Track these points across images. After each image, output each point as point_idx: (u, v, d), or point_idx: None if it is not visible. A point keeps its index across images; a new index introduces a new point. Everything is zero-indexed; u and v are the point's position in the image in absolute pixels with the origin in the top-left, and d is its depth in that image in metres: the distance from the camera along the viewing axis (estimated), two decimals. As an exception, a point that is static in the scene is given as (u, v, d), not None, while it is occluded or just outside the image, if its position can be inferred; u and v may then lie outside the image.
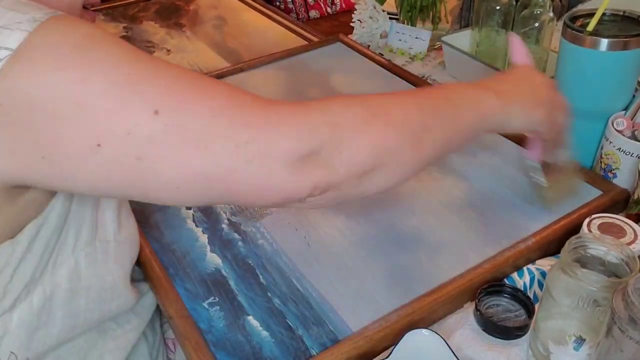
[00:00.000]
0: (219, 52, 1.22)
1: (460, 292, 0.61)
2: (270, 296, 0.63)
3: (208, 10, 1.43)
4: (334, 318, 0.60)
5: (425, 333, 0.53)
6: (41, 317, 0.50)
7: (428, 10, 1.20)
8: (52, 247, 0.49)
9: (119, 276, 0.57)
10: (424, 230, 0.70)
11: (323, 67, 1.09)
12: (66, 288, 0.51)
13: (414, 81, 1.01)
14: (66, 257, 0.50)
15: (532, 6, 0.95)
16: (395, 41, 1.19)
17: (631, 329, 0.42)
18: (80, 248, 0.51)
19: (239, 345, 0.58)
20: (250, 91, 0.43)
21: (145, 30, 1.35)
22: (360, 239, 0.69)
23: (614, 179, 0.74)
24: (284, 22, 1.32)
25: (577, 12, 0.75)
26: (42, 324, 0.50)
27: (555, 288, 0.51)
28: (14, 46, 0.37)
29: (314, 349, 0.57)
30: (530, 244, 0.65)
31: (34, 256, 0.47)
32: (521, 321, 0.58)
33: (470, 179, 0.78)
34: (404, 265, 0.65)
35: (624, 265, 0.50)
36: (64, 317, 0.52)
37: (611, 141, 0.72)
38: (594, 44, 0.69)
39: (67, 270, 0.50)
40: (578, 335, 0.52)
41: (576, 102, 0.75)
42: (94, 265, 0.53)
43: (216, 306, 0.62)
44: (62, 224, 0.49)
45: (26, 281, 0.47)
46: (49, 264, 0.49)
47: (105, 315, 0.57)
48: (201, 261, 0.68)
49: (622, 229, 0.62)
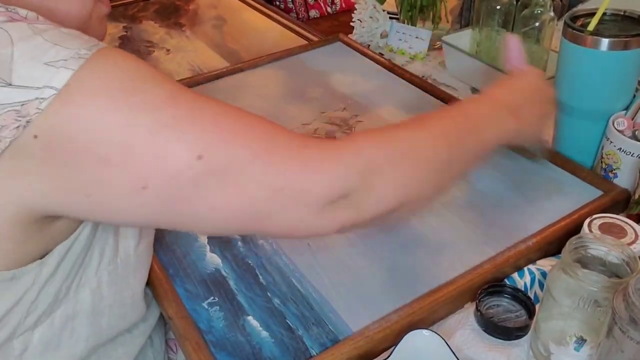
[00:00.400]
0: (218, 51, 1.22)
1: (461, 292, 0.61)
2: (270, 296, 0.63)
3: (208, 10, 1.43)
4: (334, 318, 0.60)
5: (426, 333, 0.53)
6: (63, 335, 0.50)
7: (428, 9, 1.20)
8: (78, 268, 0.49)
9: (136, 289, 0.57)
10: (424, 230, 0.70)
11: (323, 67, 1.08)
12: (89, 308, 0.51)
13: (414, 81, 1.00)
14: (90, 277, 0.50)
15: (533, 6, 0.95)
16: (396, 41, 1.19)
17: (632, 329, 0.42)
18: (103, 267, 0.51)
19: (239, 345, 0.58)
20: (286, 128, 0.44)
21: (145, 30, 1.34)
22: (360, 239, 0.69)
23: (614, 179, 0.74)
24: (284, 21, 1.31)
25: (577, 11, 0.74)
26: (64, 343, 0.50)
27: (556, 288, 0.51)
28: (60, 86, 0.36)
29: (314, 349, 0.57)
30: (530, 244, 0.65)
31: (59, 277, 0.47)
32: (522, 322, 0.58)
33: (470, 179, 0.77)
34: (404, 265, 0.65)
35: (625, 265, 0.50)
36: (88, 337, 0.52)
37: (612, 141, 0.72)
38: (595, 44, 0.69)
39: (90, 290, 0.50)
40: (579, 335, 0.52)
41: (577, 102, 0.76)
42: (115, 282, 0.53)
43: (216, 306, 0.62)
44: (88, 245, 0.49)
45: (50, 301, 0.47)
46: (73, 284, 0.49)
47: (121, 329, 0.57)
48: (201, 261, 0.68)
49: (623, 229, 0.62)
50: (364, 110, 0.94)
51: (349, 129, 0.90)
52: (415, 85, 1.00)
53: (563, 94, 0.77)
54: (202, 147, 0.39)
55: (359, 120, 0.92)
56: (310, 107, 0.96)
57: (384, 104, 0.96)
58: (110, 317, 0.53)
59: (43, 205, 0.40)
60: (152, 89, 0.39)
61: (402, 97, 0.97)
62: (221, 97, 1.01)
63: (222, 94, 1.01)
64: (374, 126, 0.66)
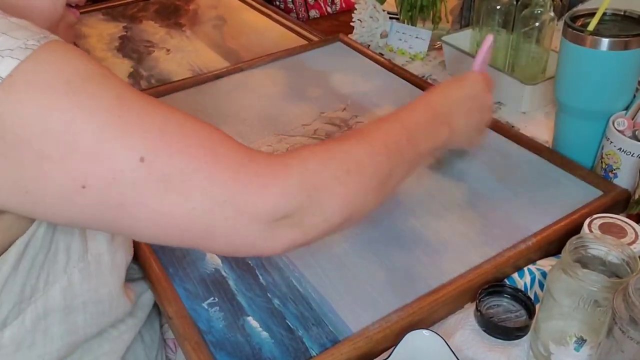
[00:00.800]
0: (218, 51, 1.22)
1: (461, 292, 0.61)
2: (270, 297, 0.63)
3: (208, 10, 1.43)
4: (334, 318, 0.59)
5: (426, 334, 0.53)
6: (36, 334, 0.49)
7: (428, 9, 1.20)
8: (41, 265, 0.48)
9: (114, 286, 0.56)
10: (424, 230, 0.70)
11: (323, 66, 1.08)
12: (61, 306, 0.50)
13: (414, 81, 1.00)
14: (59, 275, 0.50)
15: (533, 6, 0.95)
16: (396, 41, 1.19)
17: (632, 329, 0.42)
18: (72, 265, 0.50)
19: (238, 345, 0.58)
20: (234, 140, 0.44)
21: (145, 30, 1.34)
22: (360, 239, 0.69)
23: (614, 179, 0.74)
24: (284, 21, 1.31)
25: (577, 11, 0.74)
26: (38, 342, 0.50)
27: (556, 288, 0.51)
28: (4, 75, 0.36)
29: (314, 350, 0.57)
30: (530, 244, 0.65)
31: (21, 275, 0.46)
32: (522, 322, 0.58)
33: (470, 180, 0.77)
34: (404, 265, 0.65)
35: (625, 265, 0.50)
36: (62, 335, 0.51)
37: (612, 141, 0.72)
38: (595, 44, 0.69)
39: (60, 288, 0.50)
40: (579, 335, 0.52)
41: (577, 102, 0.76)
42: (87, 280, 0.52)
43: (216, 306, 0.62)
44: (49, 240, 0.48)
45: (15, 300, 0.47)
46: (40, 282, 0.48)
47: (103, 326, 0.57)
48: (201, 261, 0.68)
49: (623, 229, 0.61)
50: (364, 110, 0.94)
51: (349, 129, 0.90)
52: (415, 85, 1.00)
53: (563, 94, 0.77)
54: (146, 150, 0.39)
55: (359, 121, 0.92)
56: (310, 107, 0.96)
57: (384, 104, 0.96)
58: (86, 314, 0.53)
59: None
60: (99, 88, 0.39)
61: (402, 97, 0.97)
62: (221, 97, 1.01)
63: (222, 94, 1.01)
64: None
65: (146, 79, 1.13)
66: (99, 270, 0.53)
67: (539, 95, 0.94)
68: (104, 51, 1.25)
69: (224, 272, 0.66)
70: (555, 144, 0.83)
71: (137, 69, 1.17)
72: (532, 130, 0.90)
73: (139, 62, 1.20)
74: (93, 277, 0.53)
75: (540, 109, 0.96)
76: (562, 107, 0.79)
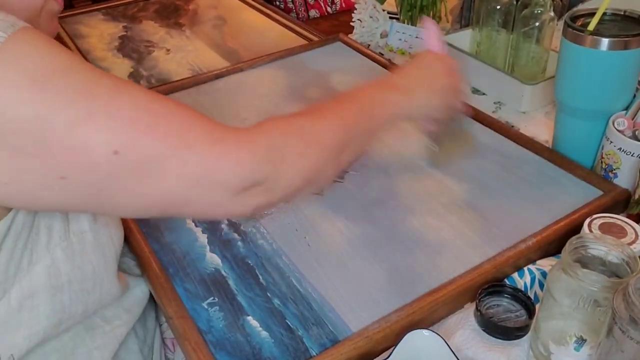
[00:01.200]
0: (218, 51, 1.22)
1: (461, 292, 0.61)
2: (270, 296, 0.63)
3: (208, 9, 1.43)
4: (334, 318, 0.59)
5: (426, 333, 0.53)
6: (23, 315, 0.49)
7: (428, 9, 1.20)
8: (24, 244, 0.48)
9: (99, 265, 0.56)
10: (424, 230, 0.70)
11: (323, 66, 1.08)
12: (46, 285, 0.50)
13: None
14: (41, 254, 0.50)
15: (533, 5, 0.95)
16: (396, 41, 1.19)
17: (632, 329, 0.42)
18: (55, 243, 0.51)
19: (238, 345, 0.58)
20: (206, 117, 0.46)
21: (145, 30, 1.34)
22: (360, 239, 0.69)
23: (614, 179, 0.74)
24: (284, 21, 1.31)
25: (577, 11, 0.74)
26: (24, 322, 0.50)
27: (556, 288, 0.51)
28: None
29: (314, 350, 0.57)
30: (530, 244, 0.65)
31: (4, 255, 0.47)
32: (522, 321, 0.58)
33: (470, 179, 0.77)
34: (404, 265, 0.65)
35: (625, 265, 0.50)
36: (48, 315, 0.51)
37: (612, 141, 0.72)
38: (595, 44, 0.69)
39: (44, 267, 0.50)
40: (579, 335, 0.52)
41: (577, 102, 0.76)
42: (71, 258, 0.52)
43: (216, 306, 0.62)
44: (31, 220, 0.49)
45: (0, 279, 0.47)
46: (23, 262, 0.48)
47: (89, 306, 0.56)
48: (201, 261, 0.68)
49: (623, 229, 0.61)
50: (364, 110, 0.94)
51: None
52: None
53: (563, 94, 0.77)
54: (118, 142, 0.40)
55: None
56: (310, 107, 0.96)
57: (384, 103, 0.96)
58: (71, 293, 0.53)
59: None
60: (69, 79, 0.39)
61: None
62: (221, 97, 1.01)
63: (222, 94, 1.01)
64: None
65: (146, 78, 1.13)
66: (82, 249, 0.53)
67: (539, 95, 0.94)
68: (104, 51, 1.25)
69: (224, 272, 0.66)
70: (555, 143, 0.83)
71: (137, 69, 1.17)
72: (532, 130, 0.90)
73: (139, 62, 1.20)
74: (77, 255, 0.53)
75: (540, 108, 0.96)
76: (562, 107, 0.79)
